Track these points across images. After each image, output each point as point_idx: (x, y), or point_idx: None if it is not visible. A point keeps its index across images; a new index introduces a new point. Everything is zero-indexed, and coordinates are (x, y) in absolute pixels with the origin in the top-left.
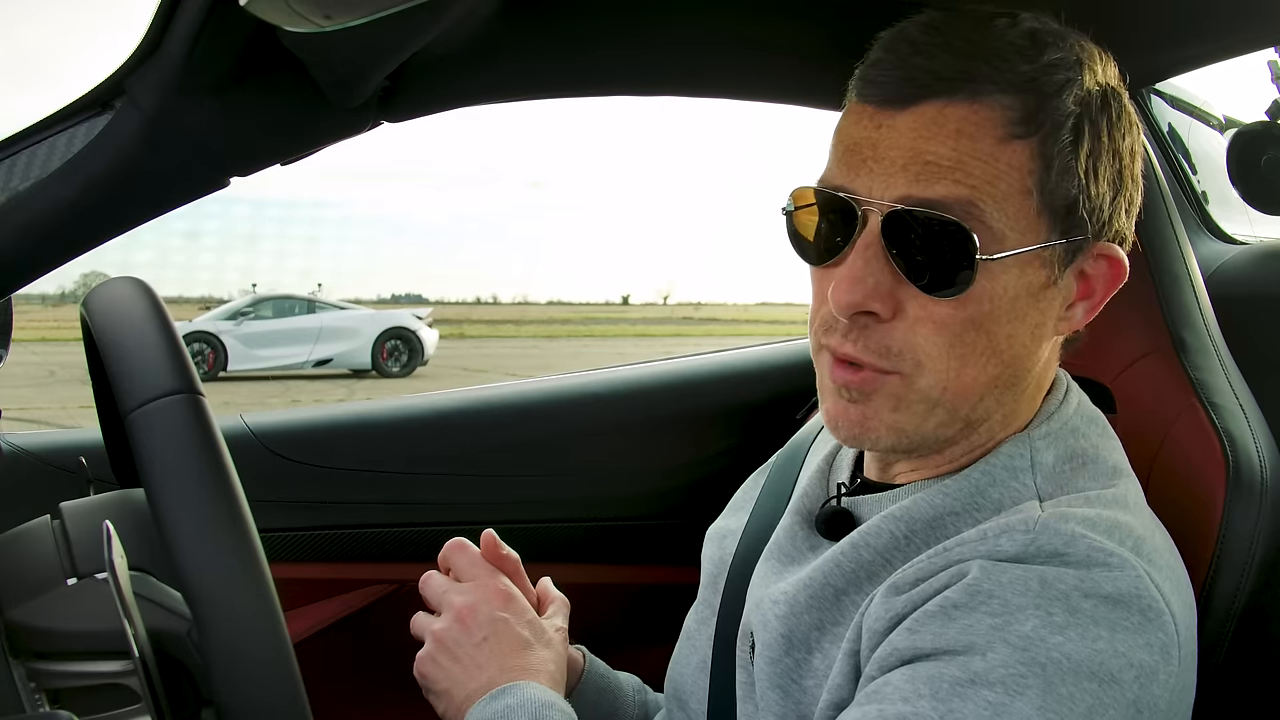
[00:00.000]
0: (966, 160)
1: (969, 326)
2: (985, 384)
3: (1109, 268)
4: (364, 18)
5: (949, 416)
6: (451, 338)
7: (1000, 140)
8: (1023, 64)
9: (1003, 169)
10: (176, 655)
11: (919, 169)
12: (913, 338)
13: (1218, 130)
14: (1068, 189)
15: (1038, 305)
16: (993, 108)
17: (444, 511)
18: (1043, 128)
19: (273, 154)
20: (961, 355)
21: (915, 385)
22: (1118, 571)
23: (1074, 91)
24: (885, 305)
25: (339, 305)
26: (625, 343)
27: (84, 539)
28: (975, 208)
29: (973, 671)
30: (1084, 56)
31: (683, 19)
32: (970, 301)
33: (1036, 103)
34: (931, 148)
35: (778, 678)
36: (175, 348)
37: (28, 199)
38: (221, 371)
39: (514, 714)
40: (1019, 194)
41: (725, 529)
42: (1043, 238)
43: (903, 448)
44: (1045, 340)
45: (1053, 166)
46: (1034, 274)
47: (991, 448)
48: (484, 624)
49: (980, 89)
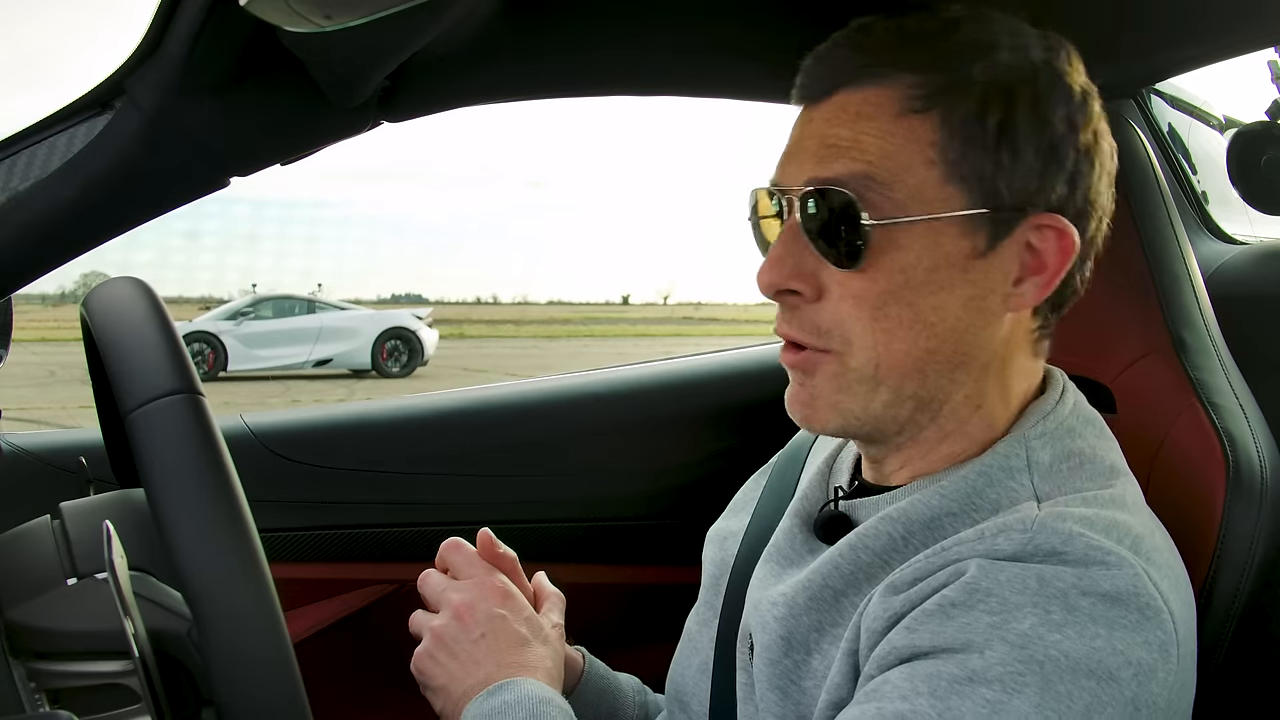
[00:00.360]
0: (863, 138)
1: (887, 298)
2: (919, 357)
3: (1057, 240)
4: (364, 18)
5: (893, 395)
6: (451, 338)
7: (897, 115)
8: (925, 47)
9: (900, 142)
10: (176, 655)
11: (823, 152)
12: (838, 315)
13: (1218, 130)
14: (977, 159)
15: (966, 277)
16: (893, 87)
17: (444, 511)
18: (945, 101)
19: (273, 154)
20: (886, 329)
21: (849, 364)
22: (1116, 570)
23: (983, 65)
24: (807, 284)
25: (339, 305)
26: (625, 343)
27: (84, 539)
28: (872, 180)
29: (971, 669)
30: (1005, 36)
31: (683, 19)
32: (882, 273)
33: (942, 78)
34: (834, 131)
35: (777, 679)
36: (175, 348)
37: (28, 199)
38: (221, 371)
39: (511, 710)
40: (921, 164)
41: (726, 530)
42: (951, 207)
43: (856, 431)
44: (993, 316)
45: (957, 136)
46: (952, 244)
47: (978, 444)
48: (482, 621)
49: (881, 73)
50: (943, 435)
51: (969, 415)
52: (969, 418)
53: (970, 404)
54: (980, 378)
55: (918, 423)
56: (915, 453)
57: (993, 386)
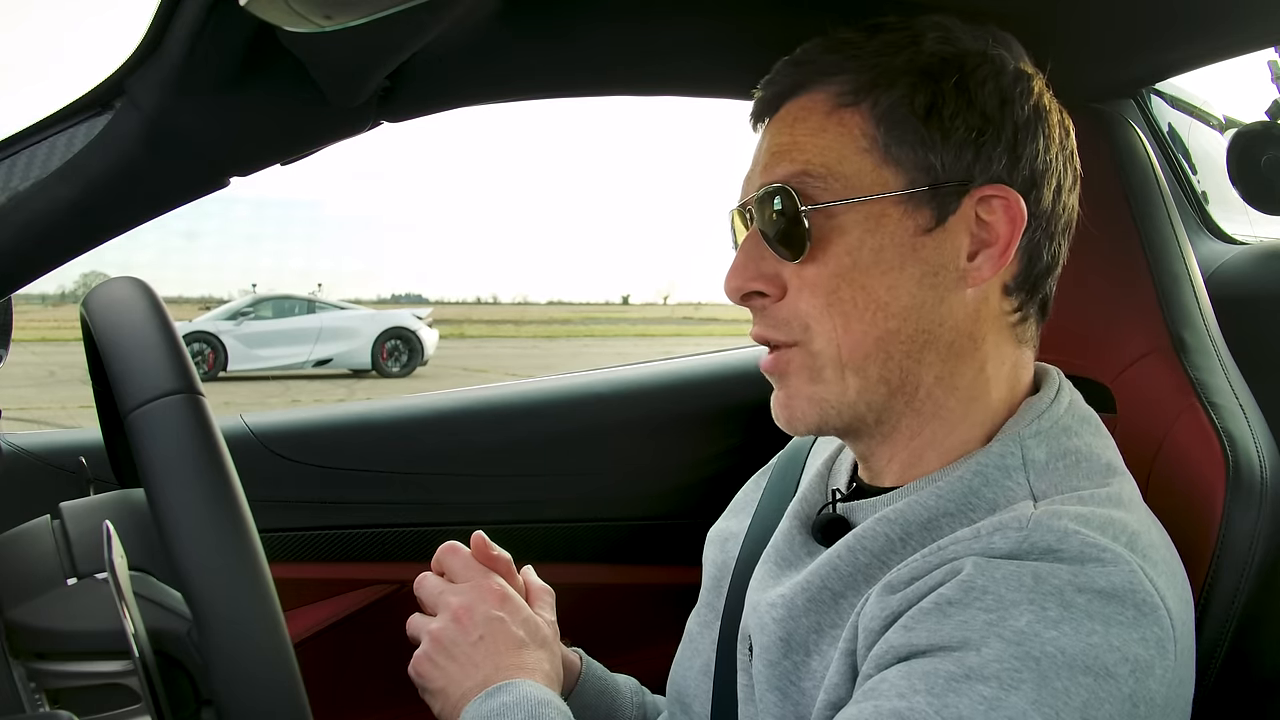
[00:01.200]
0: (800, 139)
1: (839, 283)
2: (879, 337)
3: (1005, 210)
4: (364, 18)
5: (861, 379)
6: (451, 338)
7: (828, 113)
8: (851, 50)
9: (832, 137)
10: (176, 655)
11: (768, 160)
12: (797, 306)
13: (1218, 130)
14: (908, 140)
15: (917, 255)
16: (822, 91)
17: (444, 511)
18: (872, 92)
19: (273, 154)
20: (843, 312)
21: (812, 350)
22: (1111, 567)
23: (907, 56)
24: (770, 284)
25: (339, 305)
26: (625, 343)
27: (84, 539)
28: (809, 175)
29: (967, 667)
30: (930, 29)
31: (683, 19)
32: (830, 259)
33: (867, 75)
34: (776, 140)
35: (776, 680)
36: (175, 348)
37: (28, 199)
38: (221, 371)
39: (510, 711)
40: (854, 153)
41: (727, 531)
42: (889, 187)
43: (835, 422)
44: (948, 292)
45: (884, 121)
46: (895, 223)
47: (971, 440)
48: (480, 623)
49: (810, 81)
50: (922, 422)
51: (945, 398)
52: (945, 400)
53: (944, 386)
54: (949, 358)
55: (894, 409)
56: (900, 445)
57: (966, 367)
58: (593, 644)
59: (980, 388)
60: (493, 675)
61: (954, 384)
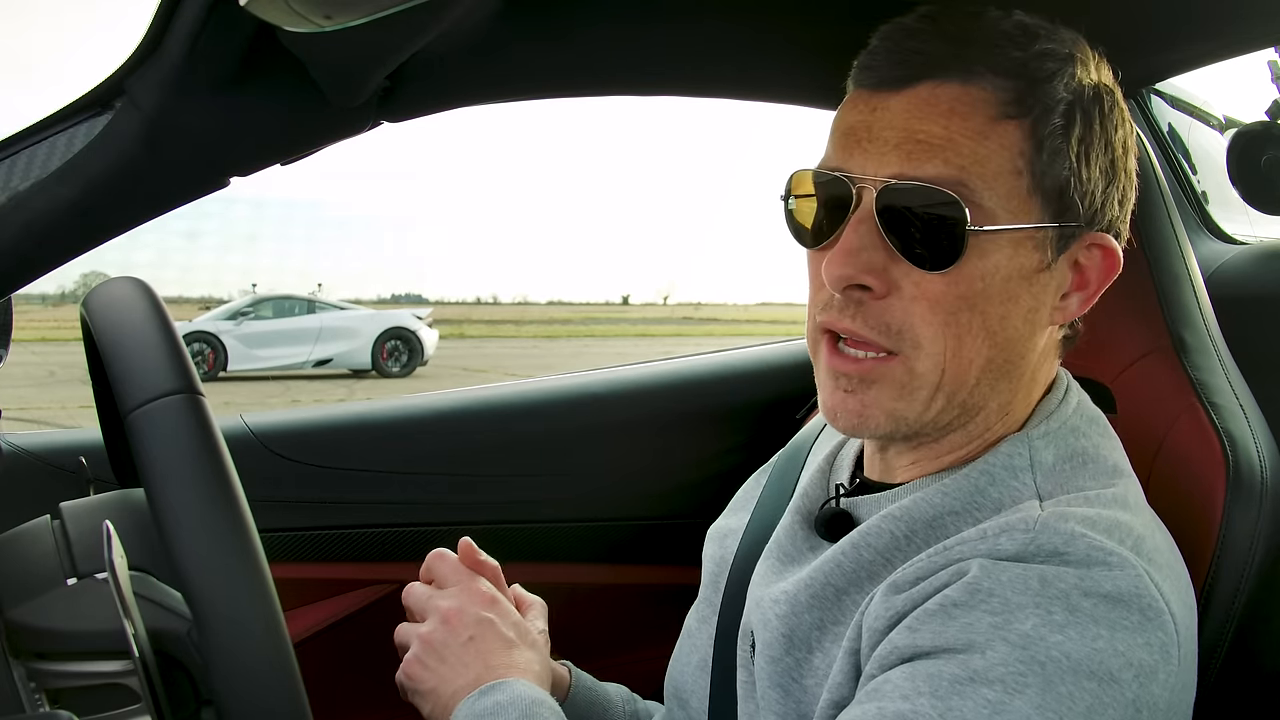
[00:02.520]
0: (957, 138)
1: (963, 304)
2: (981, 366)
3: (1103, 259)
4: (364, 18)
5: (947, 402)
6: (451, 338)
7: (992, 120)
8: (1014, 50)
9: (993, 148)
10: (176, 655)
11: (911, 147)
12: (909, 316)
13: (1218, 130)
14: (1059, 171)
15: (1030, 289)
16: (984, 89)
17: (443, 511)
18: (1034, 110)
19: (273, 154)
20: (957, 334)
21: (915, 368)
22: (1118, 571)
23: (1065, 80)
24: (879, 280)
25: (339, 305)
26: (625, 343)
27: (84, 539)
28: (965, 186)
29: (972, 670)
30: (1075, 50)
31: (683, 19)
32: (963, 278)
33: (1028, 87)
34: (924, 126)
35: (778, 677)
36: (175, 348)
37: (28, 199)
38: (221, 371)
39: (504, 710)
40: (1010, 173)
41: (726, 528)
42: (1034, 218)
43: (900, 434)
44: (1040, 328)
45: (1044, 148)
46: (1026, 256)
47: (991, 442)
48: (470, 624)
49: (972, 70)
50: (969, 439)
51: (996, 421)
52: (995, 423)
53: (1001, 410)
54: (1016, 386)
55: (952, 426)
56: (931, 452)
57: (1021, 394)
58: (591, 644)
59: (1024, 409)
60: (484, 674)
61: (1009, 409)
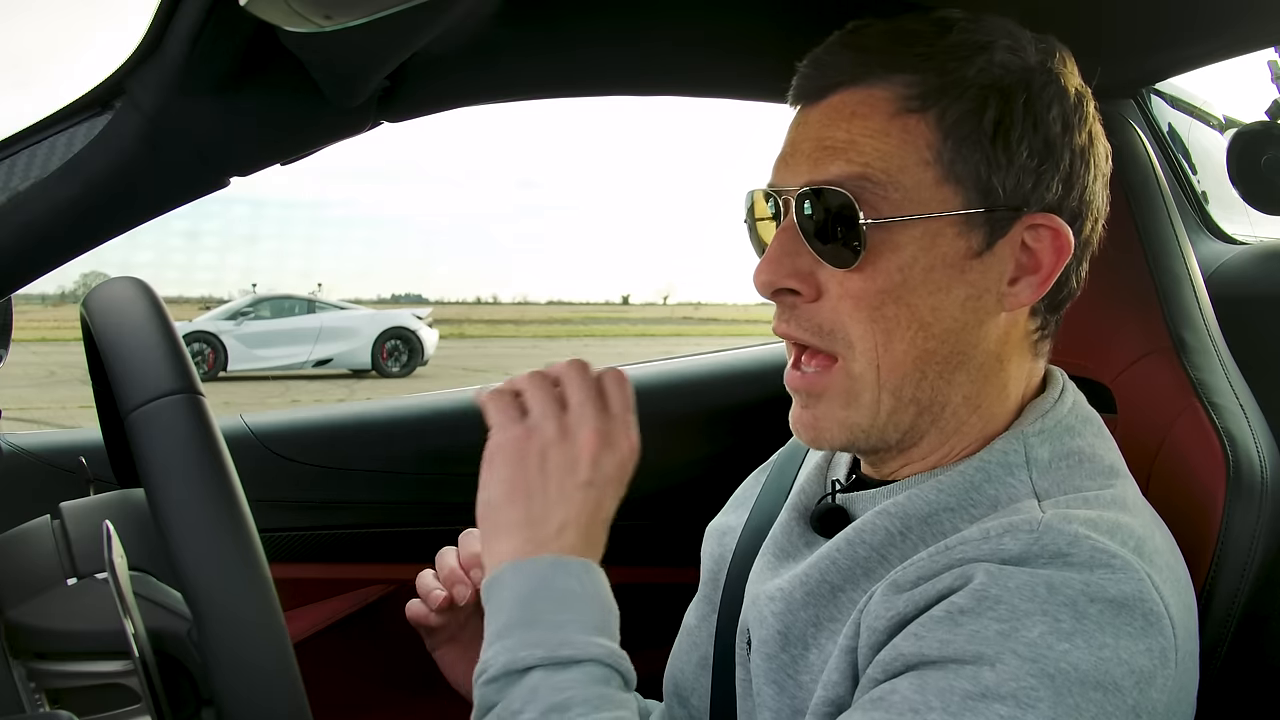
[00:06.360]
0: (858, 139)
1: (885, 299)
2: (917, 358)
3: (1052, 239)
4: (364, 18)
5: (895, 400)
6: (451, 338)
7: (892, 115)
8: (920, 47)
9: (895, 143)
10: (176, 655)
11: (819, 154)
12: (838, 315)
13: (1218, 130)
14: (973, 159)
15: (964, 277)
16: (886, 88)
17: (443, 511)
18: (940, 101)
19: (273, 154)
20: (885, 329)
21: (853, 371)
22: (1121, 574)
23: (979, 67)
24: (805, 284)
25: (339, 305)
26: (625, 343)
27: (84, 539)
28: (868, 181)
29: (984, 685)
30: (1000, 37)
31: (682, 19)
32: (879, 273)
33: (936, 79)
34: (829, 133)
35: (774, 673)
36: (175, 348)
37: (28, 199)
38: (221, 371)
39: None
40: (916, 165)
41: (725, 526)
42: (949, 206)
43: (862, 444)
44: (988, 315)
45: (952, 135)
46: (948, 244)
47: (977, 442)
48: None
49: (873, 73)
50: (944, 438)
51: (968, 416)
52: (968, 418)
53: (969, 405)
54: (977, 379)
55: (918, 428)
56: (917, 454)
57: (991, 388)
58: None
59: (1001, 404)
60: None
61: (978, 403)
